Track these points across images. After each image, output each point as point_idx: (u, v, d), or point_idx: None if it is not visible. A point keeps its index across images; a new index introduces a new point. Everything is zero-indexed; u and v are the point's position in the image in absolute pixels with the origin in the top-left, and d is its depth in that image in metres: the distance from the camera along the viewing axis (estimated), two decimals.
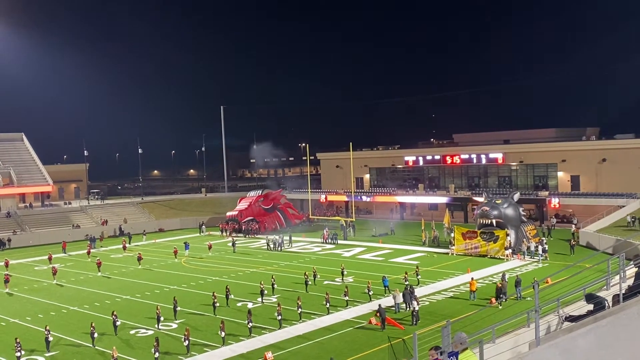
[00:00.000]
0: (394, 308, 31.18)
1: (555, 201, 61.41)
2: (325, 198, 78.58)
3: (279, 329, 29.22)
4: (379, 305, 29.97)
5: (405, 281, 35.87)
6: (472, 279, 35.38)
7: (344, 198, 76.05)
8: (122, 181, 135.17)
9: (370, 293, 34.16)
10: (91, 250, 55.19)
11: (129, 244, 59.71)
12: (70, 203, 79.56)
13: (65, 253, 56.37)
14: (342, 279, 39.30)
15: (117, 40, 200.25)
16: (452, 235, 48.98)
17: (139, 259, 48.81)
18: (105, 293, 39.20)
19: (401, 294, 32.01)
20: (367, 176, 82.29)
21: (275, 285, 36.93)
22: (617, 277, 11.32)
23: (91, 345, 27.78)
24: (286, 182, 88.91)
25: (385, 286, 35.66)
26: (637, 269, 9.56)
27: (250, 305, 33.43)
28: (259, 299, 34.73)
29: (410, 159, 76.68)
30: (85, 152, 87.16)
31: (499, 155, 69.61)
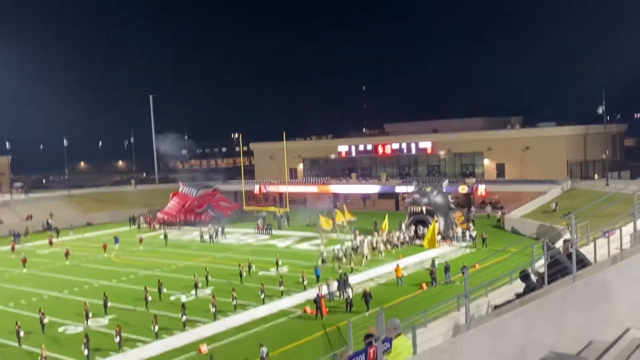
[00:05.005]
0: (328, 297, 31.50)
1: (482, 188, 63.26)
2: (260, 189, 78.13)
3: (214, 321, 29.05)
4: (317, 294, 30.11)
5: (339, 269, 36.26)
6: (397, 265, 36.28)
7: (290, 189, 75.04)
8: (47, 174, 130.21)
9: (304, 282, 34.38)
10: (15, 246, 53.05)
11: (57, 238, 57.76)
12: None
13: None
14: (277, 269, 39.37)
15: (41, 29, 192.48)
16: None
17: (67, 254, 47.28)
18: (32, 290, 37.82)
19: (335, 282, 32.38)
20: (301, 166, 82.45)
21: (210, 277, 36.62)
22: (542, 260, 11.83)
23: (17, 345, 26.83)
24: (219, 174, 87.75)
25: (317, 276, 35.92)
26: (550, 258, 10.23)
27: (184, 298, 33.02)
28: (193, 292, 34.37)
29: (344, 149, 77.21)
30: (7, 144, 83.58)
31: (428, 145, 71.11)
